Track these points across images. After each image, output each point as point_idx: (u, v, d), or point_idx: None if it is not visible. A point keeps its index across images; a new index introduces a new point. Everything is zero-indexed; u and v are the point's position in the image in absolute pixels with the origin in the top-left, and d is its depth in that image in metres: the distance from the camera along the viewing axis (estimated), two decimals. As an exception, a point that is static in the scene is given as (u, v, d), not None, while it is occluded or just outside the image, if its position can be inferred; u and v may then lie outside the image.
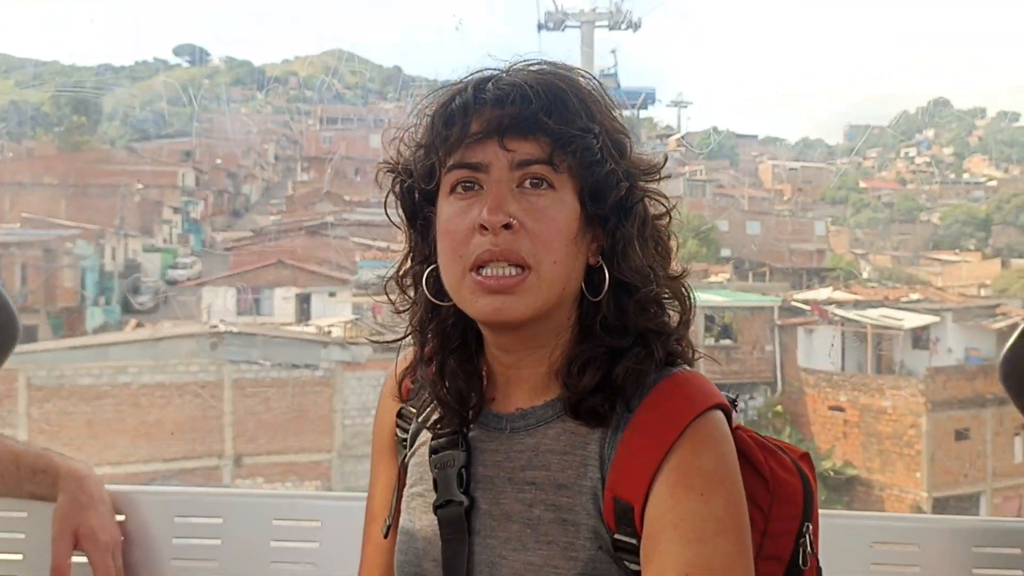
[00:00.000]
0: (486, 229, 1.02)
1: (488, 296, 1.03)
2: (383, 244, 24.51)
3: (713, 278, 29.39)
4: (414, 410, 1.20)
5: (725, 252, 36.96)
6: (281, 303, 21.38)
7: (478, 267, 1.03)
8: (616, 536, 1.02)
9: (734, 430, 1.08)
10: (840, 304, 22.08)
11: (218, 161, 34.87)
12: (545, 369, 1.09)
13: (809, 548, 1.09)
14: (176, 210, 29.00)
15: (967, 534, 1.66)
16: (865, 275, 39.97)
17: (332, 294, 21.55)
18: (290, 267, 22.33)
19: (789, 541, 1.08)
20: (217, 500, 1.75)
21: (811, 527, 1.10)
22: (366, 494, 1.32)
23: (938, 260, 39.35)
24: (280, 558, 1.68)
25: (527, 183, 1.04)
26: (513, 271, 1.03)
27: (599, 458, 1.05)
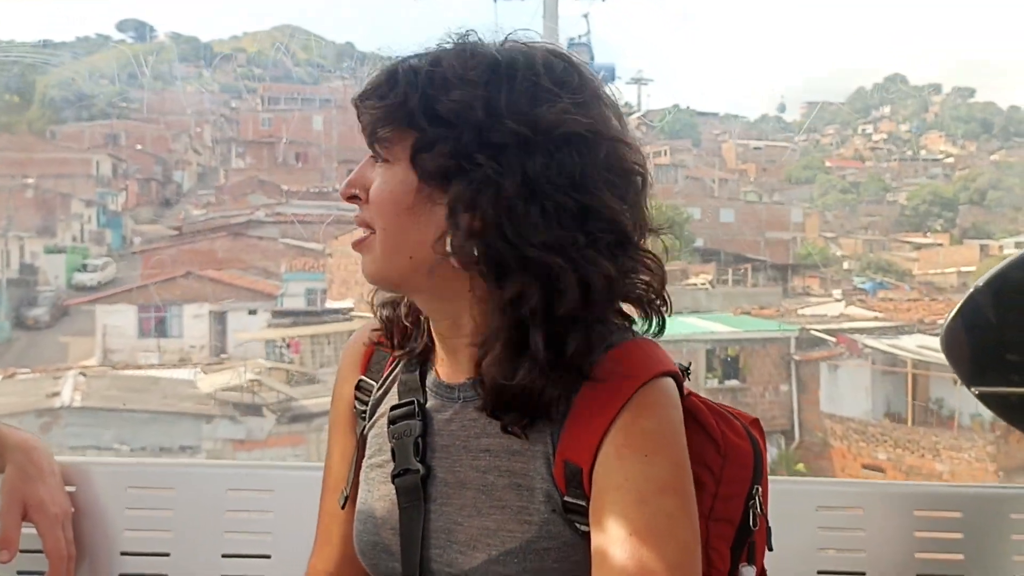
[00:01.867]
0: None
1: None
2: (316, 246, 23.04)
3: (694, 279, 28.42)
4: (374, 382, 1.28)
5: (698, 243, 35.93)
6: (192, 323, 19.15)
7: None
8: (566, 498, 1.09)
9: (687, 395, 1.15)
10: (853, 321, 19.35)
11: (139, 147, 32.88)
12: (468, 342, 1.15)
13: (759, 510, 1.16)
14: (89, 203, 26.63)
15: (909, 498, 1.78)
16: (845, 266, 40.05)
17: (252, 312, 19.76)
18: (202, 279, 20.01)
19: (739, 504, 1.15)
20: (170, 471, 1.81)
21: (760, 489, 1.17)
22: (321, 464, 1.38)
23: (908, 243, 39.99)
24: (234, 528, 1.74)
25: (376, 157, 1.15)
26: (363, 232, 1.16)
27: (550, 421, 1.11)
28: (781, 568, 1.25)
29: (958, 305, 1.84)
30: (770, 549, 1.19)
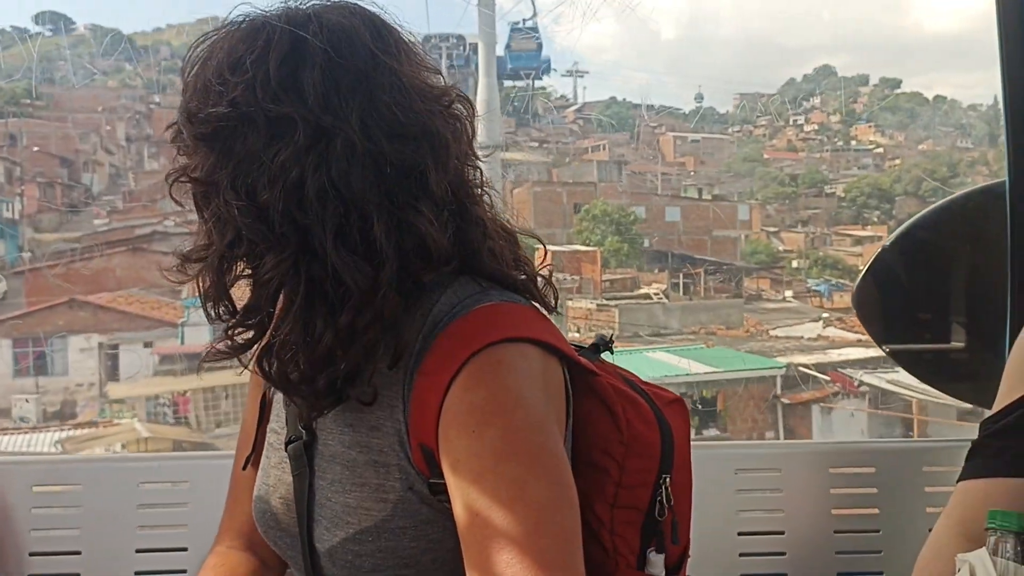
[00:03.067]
0: None
1: None
2: None
3: (646, 289, 27.72)
4: None
5: (645, 243, 37.02)
6: (79, 358, 16.92)
7: None
8: (432, 480, 1.11)
9: (593, 378, 1.18)
10: (837, 348, 17.89)
11: (36, 148, 30.21)
12: None
13: (666, 500, 1.18)
14: (-30, 211, 24.73)
15: (825, 456, 1.89)
16: (795, 264, 40.30)
17: (147, 344, 17.76)
18: (88, 307, 17.91)
19: (645, 492, 1.18)
20: (77, 467, 1.83)
21: (669, 479, 1.19)
22: (232, 452, 1.42)
23: (849, 235, 40.90)
24: (148, 522, 1.78)
25: None
26: None
27: (402, 400, 1.13)
28: (703, 532, 1.30)
29: (867, 264, 1.95)
30: (674, 543, 1.21)
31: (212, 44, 1.14)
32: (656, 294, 27.10)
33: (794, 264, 40.30)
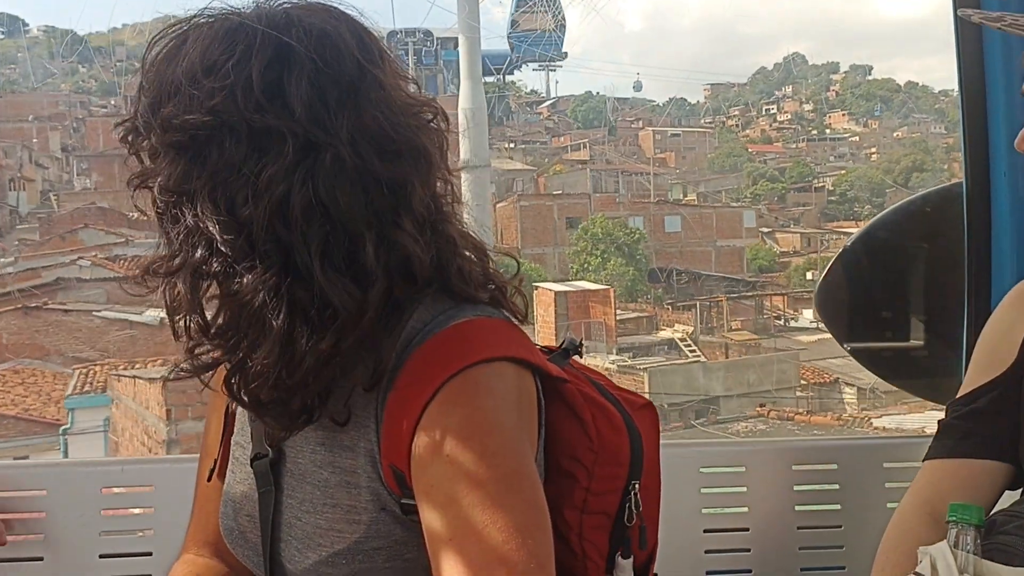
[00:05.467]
0: None
1: None
2: (151, 317, 18.87)
3: (668, 332, 26.40)
4: None
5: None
6: None
7: None
8: (404, 500, 1.14)
9: (563, 384, 1.21)
10: None
11: None
12: None
13: (634, 506, 1.23)
14: None
15: (788, 453, 2.00)
16: (809, 276, 38.55)
17: (23, 459, 14.18)
18: None
19: (614, 498, 1.23)
20: (41, 472, 1.88)
21: (638, 485, 1.24)
22: (198, 456, 1.46)
23: (843, 233, 40.91)
24: (112, 527, 1.83)
25: None
26: None
27: (375, 419, 1.15)
28: (667, 530, 1.35)
29: (828, 265, 2.10)
30: (641, 548, 1.27)
31: (179, 40, 1.13)
32: (683, 339, 25.62)
33: (809, 276, 39.44)
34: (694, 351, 24.53)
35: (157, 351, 18.52)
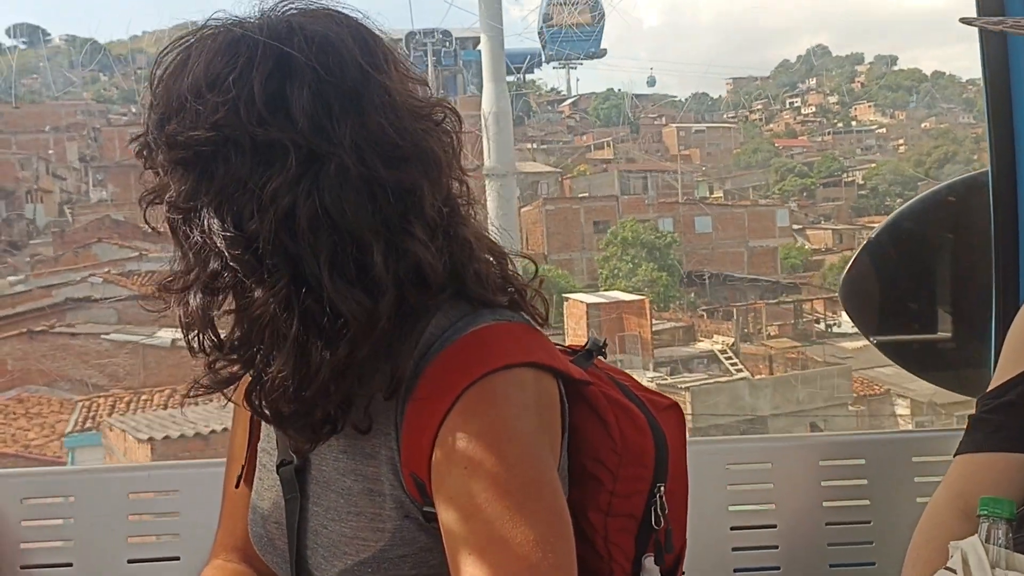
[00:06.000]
0: None
1: None
2: (162, 339, 18.69)
3: (706, 343, 25.51)
4: None
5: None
6: None
7: None
8: (425, 509, 1.16)
9: (586, 387, 1.23)
10: None
11: None
12: None
13: (659, 508, 1.25)
14: None
15: (815, 449, 2.02)
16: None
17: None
18: None
19: (640, 500, 1.25)
20: (67, 479, 1.94)
21: (663, 487, 1.25)
22: (224, 460, 1.49)
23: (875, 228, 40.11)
24: (139, 532, 1.89)
25: None
26: None
27: (395, 427, 1.18)
28: (693, 527, 1.36)
29: (854, 257, 2.11)
30: (667, 551, 1.28)
31: (184, 54, 1.15)
32: (723, 351, 24.85)
33: (827, 263, 38.72)
34: (736, 364, 23.91)
35: (167, 376, 18.29)
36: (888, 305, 2.19)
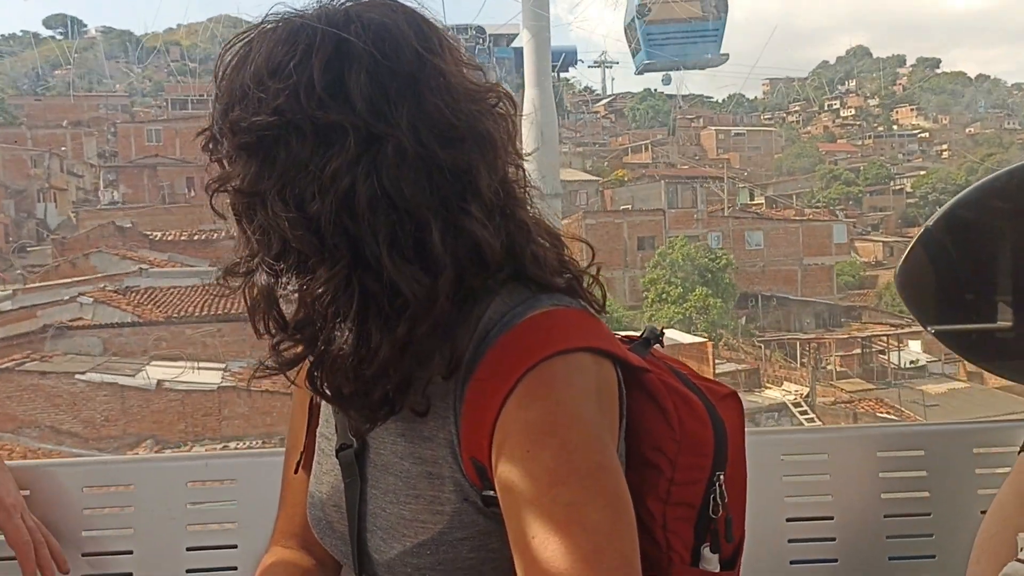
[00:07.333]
0: None
1: None
2: (145, 382, 18.00)
3: (774, 391, 24.43)
4: None
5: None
6: None
7: None
8: (485, 493, 1.16)
9: (644, 374, 1.22)
10: None
11: None
12: None
13: (719, 497, 1.24)
14: None
15: (873, 440, 2.02)
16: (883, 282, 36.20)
17: None
18: None
19: (699, 489, 1.24)
20: (126, 467, 2.01)
21: (723, 476, 1.24)
22: (281, 449, 1.54)
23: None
24: (197, 520, 1.94)
25: None
26: None
27: (453, 411, 1.18)
28: (751, 518, 1.36)
29: (910, 246, 2.16)
30: (728, 540, 1.27)
31: (246, 47, 1.17)
32: (796, 403, 23.33)
33: (882, 280, 36.62)
34: (812, 420, 21.92)
35: (152, 424, 16.92)
36: (946, 295, 2.20)
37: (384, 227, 1.12)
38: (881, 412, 23.16)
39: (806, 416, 22.40)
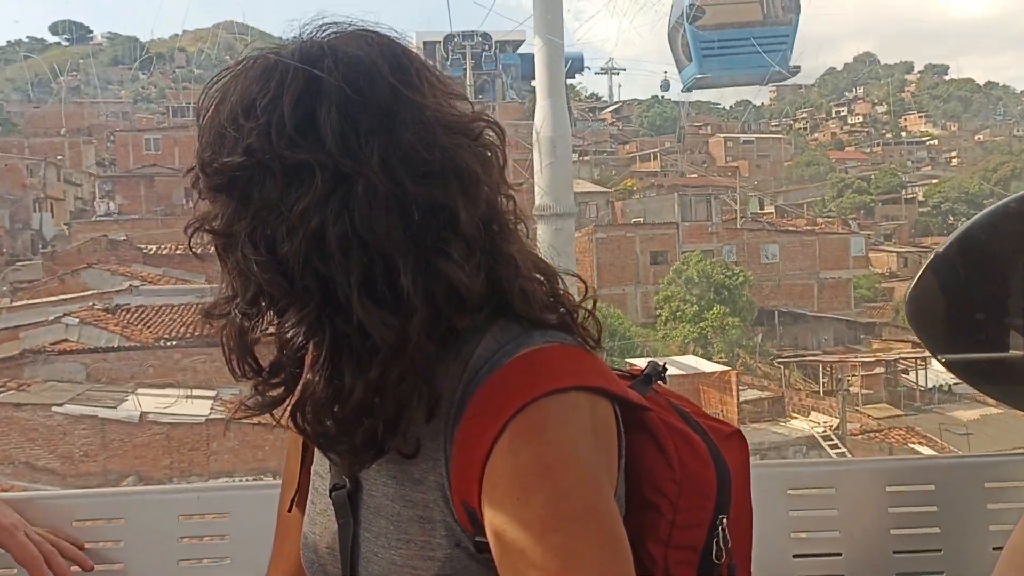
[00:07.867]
0: None
1: None
2: (129, 414, 17.00)
3: (798, 420, 23.24)
4: None
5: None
6: None
7: None
8: (477, 539, 1.14)
9: (644, 412, 1.20)
10: None
11: None
12: None
13: (722, 542, 1.21)
14: None
15: (882, 474, 1.99)
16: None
17: None
18: None
19: (701, 532, 1.21)
20: (117, 500, 1.98)
21: (726, 519, 1.22)
22: (276, 482, 1.52)
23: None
24: (189, 555, 1.90)
25: None
26: None
27: (444, 453, 1.15)
28: (756, 555, 1.34)
29: (920, 272, 2.13)
30: None
31: (225, 86, 1.16)
32: (825, 435, 22.16)
33: (897, 293, 35.89)
34: (842, 453, 20.51)
35: (135, 460, 16.21)
36: (957, 322, 2.18)
37: (356, 268, 1.11)
38: (914, 443, 22.00)
39: (838, 452, 21.10)
